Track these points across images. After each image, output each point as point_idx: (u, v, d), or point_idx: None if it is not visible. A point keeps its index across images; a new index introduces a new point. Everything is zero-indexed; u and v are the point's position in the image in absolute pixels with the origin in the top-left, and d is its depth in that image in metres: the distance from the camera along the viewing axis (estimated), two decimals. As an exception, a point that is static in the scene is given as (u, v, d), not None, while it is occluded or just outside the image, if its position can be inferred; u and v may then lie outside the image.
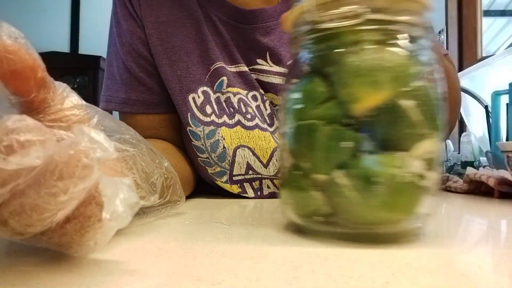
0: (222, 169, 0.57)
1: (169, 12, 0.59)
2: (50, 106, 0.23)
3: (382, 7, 0.26)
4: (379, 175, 0.25)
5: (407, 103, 0.26)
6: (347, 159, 0.26)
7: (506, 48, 1.29)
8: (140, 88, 0.60)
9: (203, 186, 0.63)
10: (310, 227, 0.29)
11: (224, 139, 0.55)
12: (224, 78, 0.57)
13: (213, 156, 0.56)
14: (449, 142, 1.45)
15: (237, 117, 0.56)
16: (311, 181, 0.28)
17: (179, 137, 0.62)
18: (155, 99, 0.60)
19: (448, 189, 0.69)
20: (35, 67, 0.21)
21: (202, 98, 0.57)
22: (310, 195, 0.28)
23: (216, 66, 0.57)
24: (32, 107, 0.22)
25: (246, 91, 0.58)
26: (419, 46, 0.28)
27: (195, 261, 0.23)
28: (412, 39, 0.27)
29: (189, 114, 0.56)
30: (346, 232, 0.27)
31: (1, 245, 0.26)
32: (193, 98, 0.57)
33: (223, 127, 0.56)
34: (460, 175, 0.89)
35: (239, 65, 0.58)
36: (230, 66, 0.58)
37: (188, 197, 0.55)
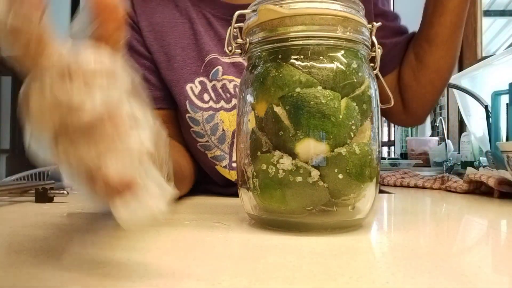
0: (222, 153, 0.58)
1: (162, 15, 0.62)
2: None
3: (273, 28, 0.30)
4: (257, 171, 0.30)
5: (280, 110, 0.29)
6: (254, 157, 0.31)
7: (506, 48, 1.29)
8: (143, 84, 0.61)
9: (203, 186, 0.63)
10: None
11: (223, 122, 0.58)
12: (219, 67, 0.59)
13: (213, 139, 0.58)
14: (449, 142, 1.45)
15: (234, 101, 0.59)
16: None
17: (181, 134, 0.63)
18: (158, 95, 0.62)
19: (448, 189, 0.69)
20: (120, 6, 0.23)
21: (199, 87, 0.59)
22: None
23: (210, 57, 0.60)
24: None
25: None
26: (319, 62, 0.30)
27: (195, 261, 0.23)
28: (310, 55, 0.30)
29: (187, 101, 0.59)
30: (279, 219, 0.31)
31: (1, 246, 0.26)
32: (191, 87, 0.59)
33: (221, 111, 0.58)
34: (460, 175, 0.89)
35: (234, 56, 0.60)
36: (224, 58, 0.60)
37: (188, 196, 0.56)
